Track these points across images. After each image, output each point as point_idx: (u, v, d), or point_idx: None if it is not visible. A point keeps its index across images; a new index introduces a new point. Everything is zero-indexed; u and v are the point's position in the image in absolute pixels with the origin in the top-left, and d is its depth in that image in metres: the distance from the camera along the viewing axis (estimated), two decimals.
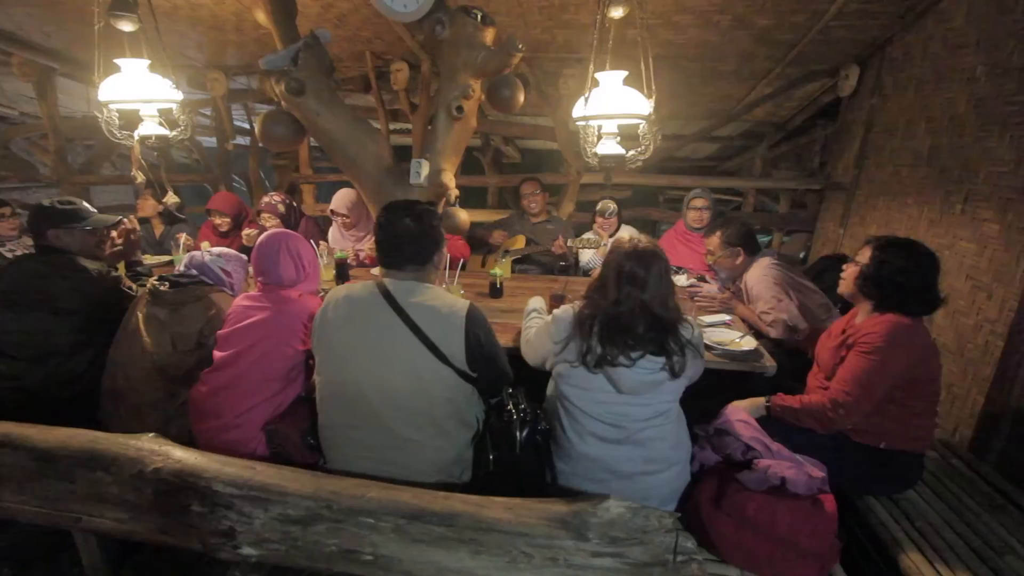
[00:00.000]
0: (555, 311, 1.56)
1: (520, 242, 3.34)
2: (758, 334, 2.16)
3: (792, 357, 2.12)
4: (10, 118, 5.56)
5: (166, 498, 1.21)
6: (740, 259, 2.45)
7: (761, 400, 1.79)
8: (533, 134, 4.86)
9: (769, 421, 1.69)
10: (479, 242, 3.43)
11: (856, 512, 1.72)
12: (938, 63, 2.77)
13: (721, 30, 3.13)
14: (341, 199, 3.11)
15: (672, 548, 1.10)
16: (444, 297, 1.48)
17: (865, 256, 1.68)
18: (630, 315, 1.40)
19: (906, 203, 2.96)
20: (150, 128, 2.19)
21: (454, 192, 2.21)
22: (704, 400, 1.78)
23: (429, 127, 3.94)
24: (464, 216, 2.35)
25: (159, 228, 3.42)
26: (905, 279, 1.60)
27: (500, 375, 1.55)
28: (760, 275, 2.31)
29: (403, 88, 3.84)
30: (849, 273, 1.73)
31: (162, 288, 1.77)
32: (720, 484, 1.53)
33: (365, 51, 3.80)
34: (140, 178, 2.95)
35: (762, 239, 4.64)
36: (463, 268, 2.69)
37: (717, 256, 2.50)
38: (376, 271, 2.97)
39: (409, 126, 4.35)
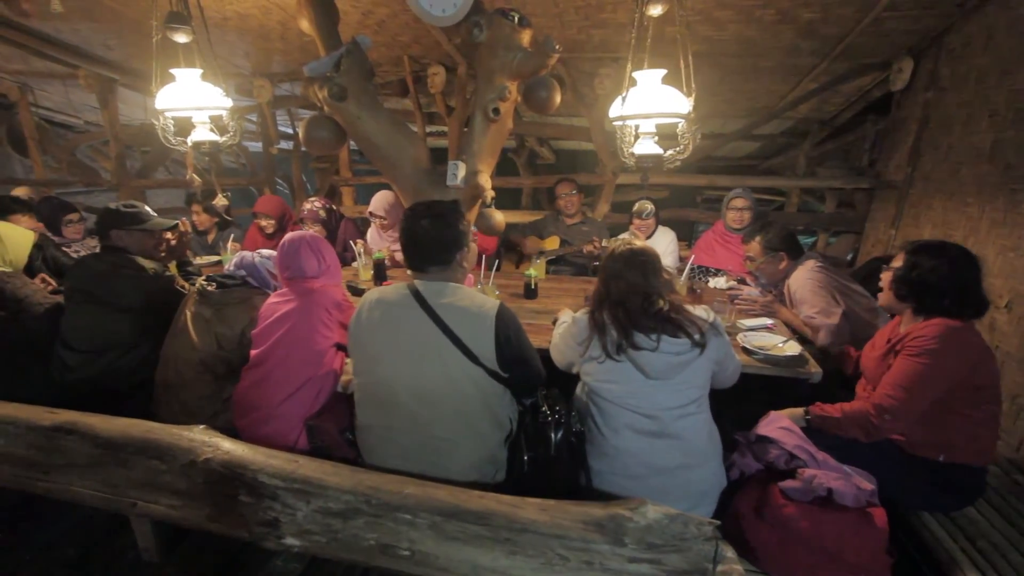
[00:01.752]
0: (575, 314, 1.59)
1: (554, 243, 3.33)
2: (802, 340, 2.09)
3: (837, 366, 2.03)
4: (76, 126, 5.95)
5: (216, 487, 1.27)
6: (783, 264, 2.37)
7: (800, 411, 1.73)
8: (568, 135, 4.84)
9: (812, 432, 1.63)
10: (512, 245, 3.44)
11: (908, 527, 1.63)
12: (1003, 53, 2.61)
13: (763, 25, 3.04)
14: (378, 201, 3.19)
15: (711, 557, 1.08)
16: (474, 298, 1.49)
17: (899, 261, 1.65)
18: (626, 298, 1.46)
19: (965, 202, 2.79)
20: (202, 134, 2.30)
21: (490, 193, 2.23)
22: (743, 405, 1.73)
23: (465, 129, 4.00)
24: (500, 217, 2.36)
25: (212, 234, 3.60)
26: (939, 280, 1.55)
27: (532, 375, 1.55)
28: (805, 278, 2.22)
29: (439, 91, 3.89)
30: (885, 279, 1.70)
31: (209, 288, 1.85)
32: (762, 493, 1.48)
33: (403, 56, 3.88)
34: (196, 181, 3.10)
35: (806, 240, 4.49)
36: (498, 268, 2.70)
37: (759, 262, 2.42)
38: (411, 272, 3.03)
39: (445, 128, 4.41)
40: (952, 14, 2.89)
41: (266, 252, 2.02)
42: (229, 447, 1.33)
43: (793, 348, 1.89)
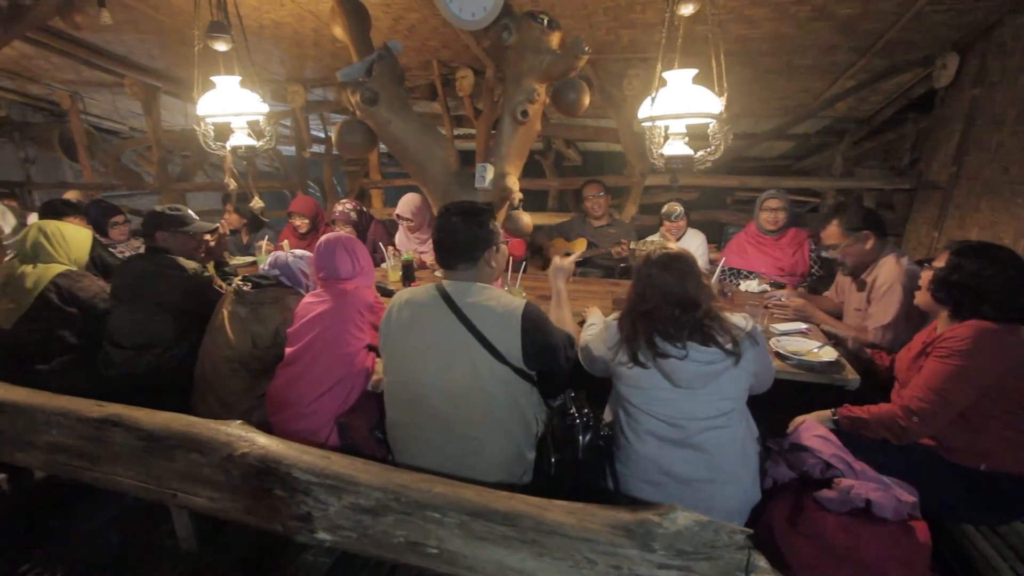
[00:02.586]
0: (607, 318, 1.56)
1: (581, 245, 3.32)
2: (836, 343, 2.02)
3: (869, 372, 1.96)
4: (121, 133, 6.23)
5: (251, 481, 1.31)
6: (870, 243, 2.13)
7: (827, 413, 1.69)
8: (596, 136, 4.81)
9: (851, 439, 1.58)
10: (538, 248, 3.45)
11: (953, 542, 1.56)
12: None
13: (799, 22, 2.96)
14: (406, 204, 3.24)
15: (743, 566, 1.05)
16: (500, 297, 1.50)
17: (942, 261, 1.58)
18: (658, 306, 1.41)
19: (1016, 203, 2.66)
20: (240, 139, 2.38)
21: (518, 195, 2.23)
22: (771, 412, 1.69)
23: (493, 131, 4.02)
24: (527, 219, 2.37)
25: (244, 234, 3.72)
26: (980, 284, 1.48)
27: (561, 373, 1.55)
28: (904, 282, 2.02)
29: (467, 94, 3.93)
30: (924, 279, 1.63)
31: (245, 288, 1.92)
32: (796, 503, 1.44)
33: (432, 60, 3.92)
34: (232, 185, 3.21)
35: None
36: (524, 271, 2.71)
37: (843, 245, 2.18)
38: (439, 273, 3.06)
39: (472, 131, 4.45)
40: (1002, 7, 2.76)
41: (299, 252, 2.07)
42: (264, 442, 1.37)
43: (829, 353, 1.83)
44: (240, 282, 1.95)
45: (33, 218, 3.25)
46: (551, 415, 1.59)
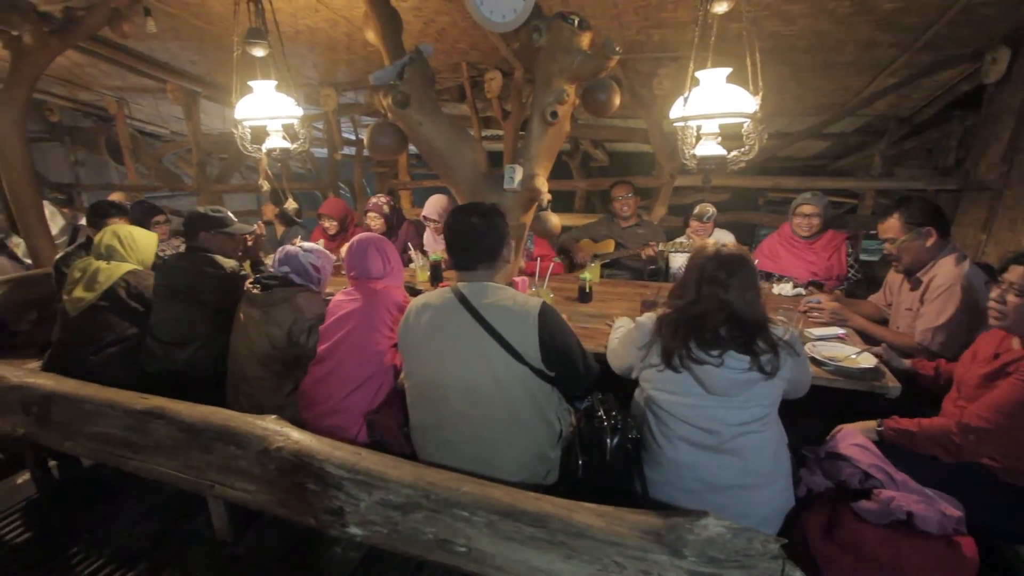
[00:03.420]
0: (638, 318, 1.54)
1: (609, 246, 3.29)
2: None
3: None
4: (163, 136, 6.49)
5: (286, 474, 1.35)
6: (932, 240, 2.01)
7: (872, 423, 1.62)
8: (624, 136, 4.77)
9: (891, 449, 1.52)
10: (565, 249, 3.43)
11: (1002, 561, 1.49)
12: None
13: (837, 18, 2.87)
14: (432, 205, 3.28)
15: None
16: (516, 297, 1.50)
17: (1016, 275, 1.44)
18: (709, 314, 1.36)
19: None
20: (276, 141, 2.45)
21: (546, 196, 2.23)
22: (804, 419, 1.64)
23: (522, 133, 4.03)
24: (556, 220, 2.36)
25: (280, 230, 3.83)
26: None
27: (580, 372, 1.53)
28: (963, 285, 1.91)
29: (496, 96, 3.95)
30: (1012, 305, 1.45)
31: (254, 291, 1.92)
32: (832, 513, 1.40)
33: (461, 62, 3.96)
34: (266, 187, 3.31)
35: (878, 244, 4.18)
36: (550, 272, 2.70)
37: (901, 241, 2.06)
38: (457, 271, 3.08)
39: (499, 132, 4.46)
40: None
41: (308, 245, 2.06)
42: (298, 437, 1.40)
43: (868, 360, 1.77)
44: (249, 285, 1.96)
45: (82, 220, 3.42)
46: (578, 417, 1.58)
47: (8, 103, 2.96)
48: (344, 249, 2.40)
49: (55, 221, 3.99)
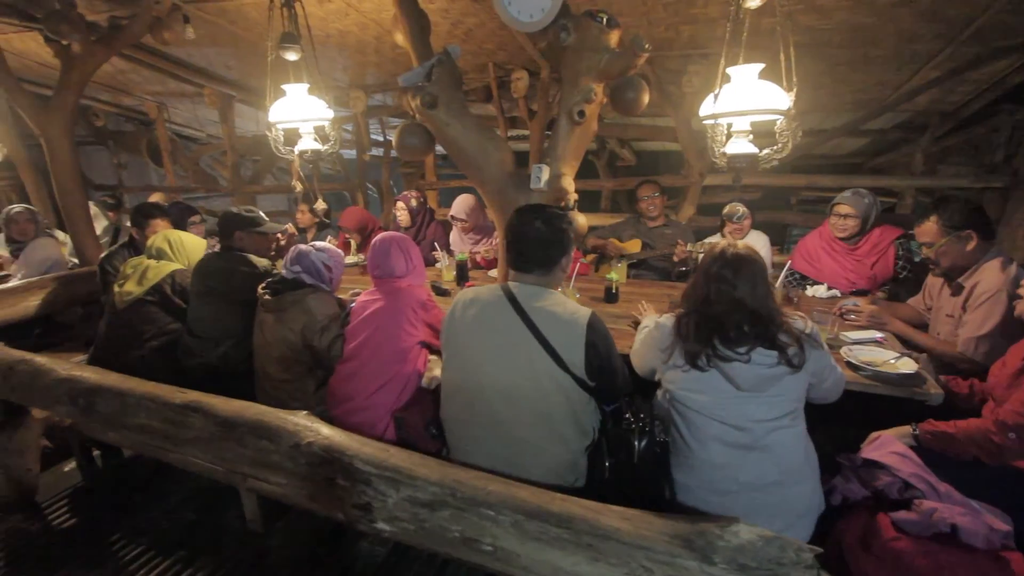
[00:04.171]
0: (659, 319, 1.52)
1: (636, 246, 3.25)
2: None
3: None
4: (199, 139, 6.71)
5: (316, 469, 1.37)
6: (972, 244, 1.91)
7: (907, 428, 1.56)
8: (652, 135, 4.71)
9: (934, 458, 1.46)
10: (589, 250, 3.41)
11: None
12: None
13: (876, 10, 2.77)
14: (460, 205, 3.30)
15: None
16: (566, 304, 1.49)
17: None
18: (726, 313, 1.36)
19: None
20: (307, 143, 2.51)
21: (573, 196, 2.21)
22: (838, 426, 1.60)
23: (548, 132, 4.01)
24: (583, 220, 2.34)
25: (312, 233, 3.91)
26: None
27: (618, 385, 1.53)
28: (1010, 291, 1.81)
29: (522, 96, 3.95)
30: None
31: (266, 297, 1.95)
32: (868, 523, 1.36)
33: (488, 62, 3.97)
34: (299, 187, 3.39)
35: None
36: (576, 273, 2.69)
37: (938, 245, 1.97)
38: (493, 273, 3.09)
39: (524, 132, 4.46)
40: None
41: (320, 244, 2.07)
42: (328, 432, 1.43)
43: (908, 365, 1.70)
44: (261, 290, 1.98)
45: (127, 222, 3.56)
46: (606, 419, 1.57)
47: (58, 109, 3.11)
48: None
49: (98, 221, 4.18)
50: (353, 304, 1.99)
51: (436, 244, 3.26)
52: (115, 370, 1.92)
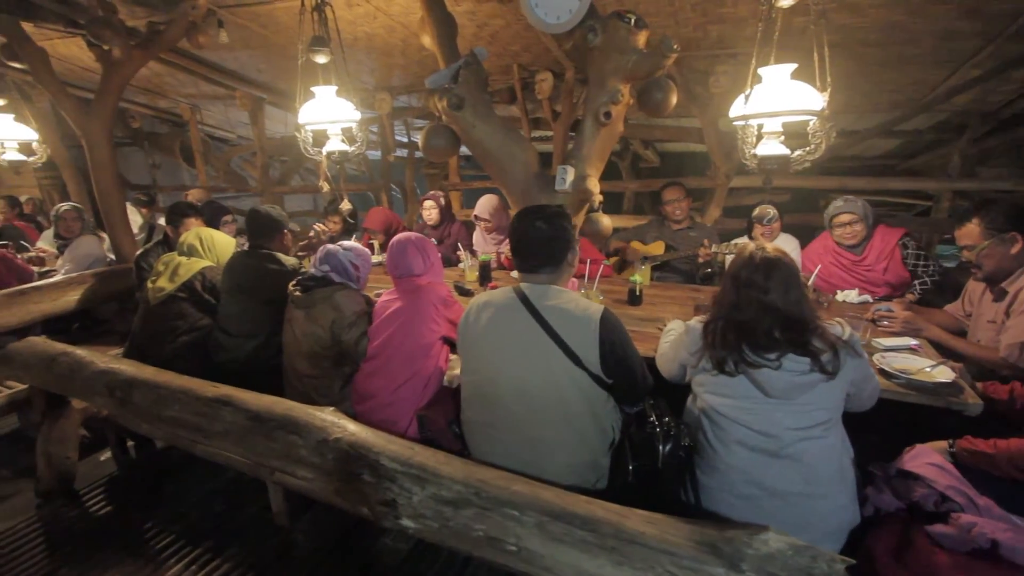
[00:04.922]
0: (688, 322, 1.50)
1: (659, 248, 3.22)
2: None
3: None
4: (230, 140, 6.88)
5: (343, 465, 1.40)
6: (1017, 247, 1.86)
7: (943, 444, 1.50)
8: (677, 136, 4.66)
9: (969, 472, 1.40)
10: (613, 252, 3.39)
11: None
12: None
13: (913, 7, 2.69)
14: (483, 205, 3.32)
15: None
16: (579, 301, 1.49)
17: None
18: (753, 318, 1.32)
19: None
20: (335, 144, 2.55)
21: (598, 198, 2.21)
22: (869, 434, 1.55)
23: (572, 134, 4.00)
24: (607, 222, 2.34)
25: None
26: None
27: (637, 383, 1.52)
28: None
29: (547, 97, 3.95)
30: None
31: (296, 294, 1.99)
32: (903, 535, 1.32)
33: (513, 64, 3.98)
34: (326, 187, 3.45)
35: (952, 249, 3.90)
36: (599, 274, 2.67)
37: (980, 248, 1.91)
38: (515, 274, 3.10)
39: (549, 133, 4.46)
40: None
41: (348, 244, 2.10)
42: (355, 429, 1.45)
43: (945, 374, 1.64)
44: (292, 287, 2.03)
45: (162, 221, 3.68)
46: (629, 422, 1.56)
47: (99, 112, 3.23)
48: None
49: (133, 219, 4.32)
50: (376, 304, 2.03)
51: (460, 244, 3.28)
52: (149, 364, 1.98)
